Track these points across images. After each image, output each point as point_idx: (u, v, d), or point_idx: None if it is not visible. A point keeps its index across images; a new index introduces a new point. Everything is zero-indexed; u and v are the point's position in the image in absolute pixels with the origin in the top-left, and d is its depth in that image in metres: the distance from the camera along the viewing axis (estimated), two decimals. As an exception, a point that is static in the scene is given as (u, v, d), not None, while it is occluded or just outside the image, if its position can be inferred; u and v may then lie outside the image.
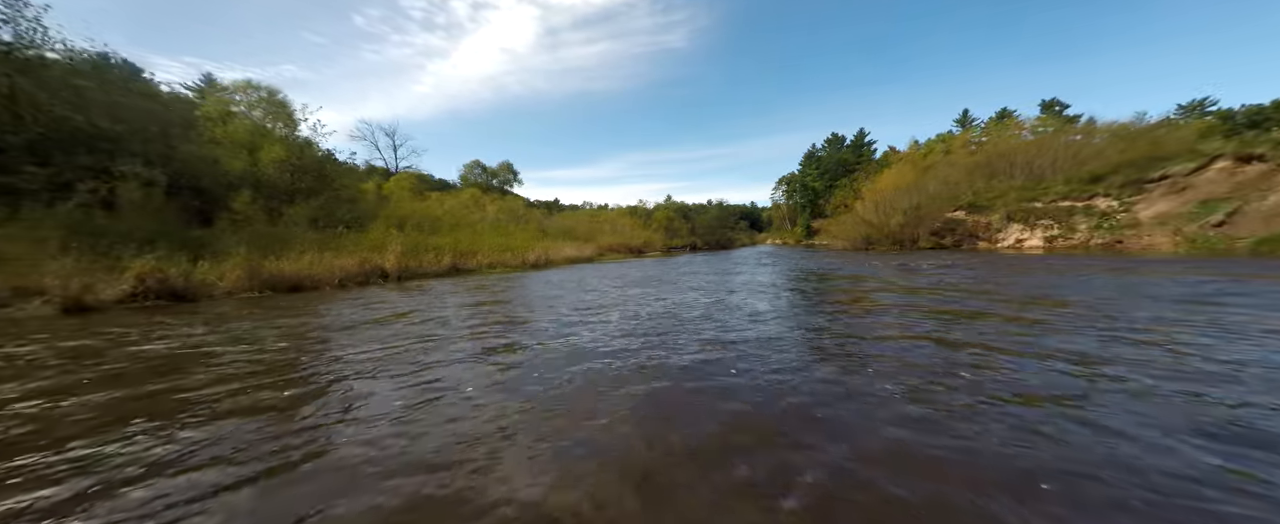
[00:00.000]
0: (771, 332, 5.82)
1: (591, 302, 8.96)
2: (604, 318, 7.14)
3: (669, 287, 11.46)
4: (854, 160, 73.53)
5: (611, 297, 9.67)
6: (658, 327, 6.29)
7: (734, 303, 8.45)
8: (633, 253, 35.80)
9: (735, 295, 9.50)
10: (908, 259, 20.23)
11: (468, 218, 25.05)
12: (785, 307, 8.05)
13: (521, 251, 19.38)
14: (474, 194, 35.84)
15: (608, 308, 8.13)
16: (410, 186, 31.91)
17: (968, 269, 13.67)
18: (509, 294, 10.31)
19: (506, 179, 56.46)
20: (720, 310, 7.64)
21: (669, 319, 6.89)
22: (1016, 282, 10.31)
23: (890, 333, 5.63)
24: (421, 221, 20.36)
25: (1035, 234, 24.14)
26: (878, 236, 30.72)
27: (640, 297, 9.53)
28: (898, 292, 9.54)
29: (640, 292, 10.37)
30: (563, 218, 42.76)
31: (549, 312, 7.85)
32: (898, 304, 7.94)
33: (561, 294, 10.19)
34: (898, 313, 7.13)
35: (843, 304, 8.26)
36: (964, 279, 11.08)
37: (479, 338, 5.81)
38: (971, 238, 27.18)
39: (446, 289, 11.08)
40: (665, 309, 7.84)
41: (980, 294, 8.57)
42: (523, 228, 27.42)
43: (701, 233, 56.84)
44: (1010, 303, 7.43)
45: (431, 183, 43.55)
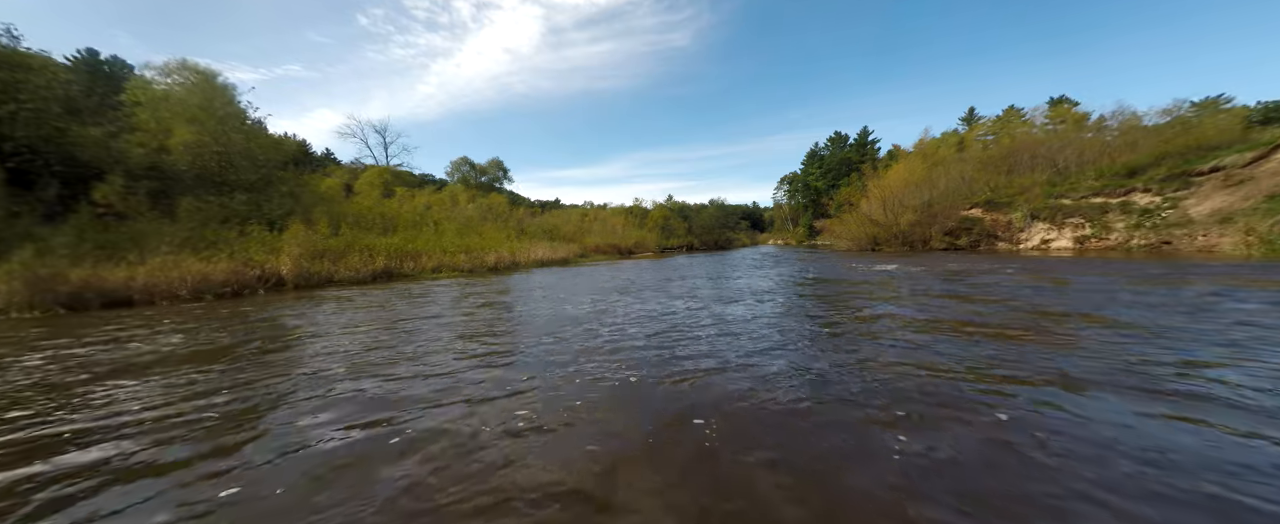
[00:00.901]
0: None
1: (511, 322, 6.60)
2: (498, 356, 4.78)
3: (635, 300, 9.08)
4: (857, 159, 71.37)
5: (534, 318, 7.30)
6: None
7: (694, 343, 6.05)
8: (621, 254, 33.45)
9: (703, 322, 7.09)
10: (921, 262, 17.77)
11: (435, 216, 22.79)
12: (780, 335, 5.66)
13: (481, 253, 17.05)
14: (453, 191, 33.59)
15: (519, 337, 5.76)
16: (382, 183, 29.65)
17: (996, 275, 11.24)
18: (399, 310, 7.97)
19: (496, 176, 54.22)
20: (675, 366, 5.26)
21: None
22: (1083, 298, 7.86)
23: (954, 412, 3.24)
24: (373, 220, 18.09)
25: (1063, 234, 21.60)
26: (886, 237, 28.21)
27: (569, 326, 7.14)
28: (914, 304, 7.11)
29: (591, 308, 8.00)
30: (551, 217, 40.44)
31: (424, 342, 5.49)
32: (921, 341, 5.53)
33: (477, 311, 7.83)
34: (932, 356, 4.72)
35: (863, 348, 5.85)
36: (1003, 289, 8.63)
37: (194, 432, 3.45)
38: (990, 238, 24.65)
39: (329, 304, 8.73)
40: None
41: (1052, 318, 6.14)
42: (498, 227, 25.10)
43: (699, 233, 54.46)
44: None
45: (411, 180, 41.29)
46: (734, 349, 4.98)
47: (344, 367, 4.64)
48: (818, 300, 8.67)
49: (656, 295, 9.58)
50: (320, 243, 12.30)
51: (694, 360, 4.54)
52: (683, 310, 7.61)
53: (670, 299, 8.86)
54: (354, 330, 6.53)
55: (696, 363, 4.45)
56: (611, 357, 4.77)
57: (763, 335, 5.63)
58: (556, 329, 6.27)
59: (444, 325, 6.75)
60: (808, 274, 13.97)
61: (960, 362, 4.22)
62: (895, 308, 7.23)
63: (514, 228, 27.11)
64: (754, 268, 18.31)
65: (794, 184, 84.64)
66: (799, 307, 7.92)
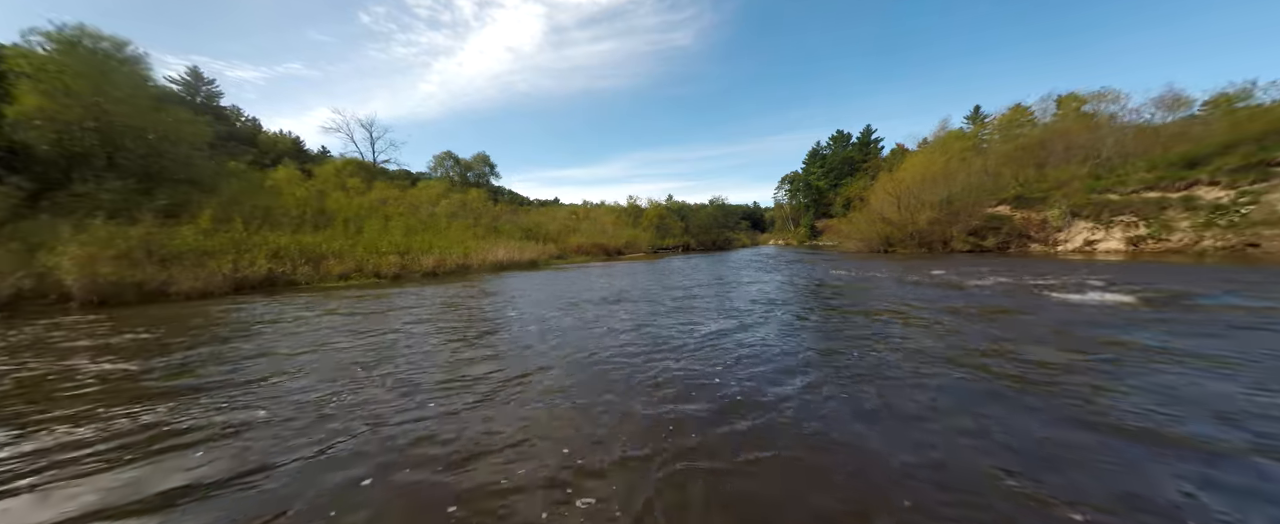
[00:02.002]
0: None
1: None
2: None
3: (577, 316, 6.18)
4: (860, 158, 69.33)
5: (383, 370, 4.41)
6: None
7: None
8: (609, 255, 30.56)
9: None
10: (950, 267, 14.86)
11: (390, 211, 19.87)
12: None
13: (420, 255, 14.15)
14: (430, 185, 30.69)
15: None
16: (345, 177, 26.69)
17: (1086, 291, 8.34)
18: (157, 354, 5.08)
19: (482, 172, 51.33)
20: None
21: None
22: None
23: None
24: (300, 216, 15.19)
25: (1112, 234, 18.68)
26: (900, 237, 25.28)
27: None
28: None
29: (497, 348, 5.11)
30: (534, 214, 37.58)
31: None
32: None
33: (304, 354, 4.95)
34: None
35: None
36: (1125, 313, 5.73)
37: None
38: (1021, 238, 21.74)
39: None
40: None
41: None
42: (466, 225, 22.19)
43: (696, 233, 51.59)
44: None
45: (376, 172, 38.34)
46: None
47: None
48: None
49: (579, 330, 6.69)
50: (217, 242, 9.45)
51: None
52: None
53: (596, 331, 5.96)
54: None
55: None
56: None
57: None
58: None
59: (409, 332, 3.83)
60: (829, 302, 11.01)
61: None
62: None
63: (487, 225, 24.23)
64: (758, 272, 15.42)
65: (795, 183, 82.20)
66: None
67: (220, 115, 74.13)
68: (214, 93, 76.92)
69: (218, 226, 11.60)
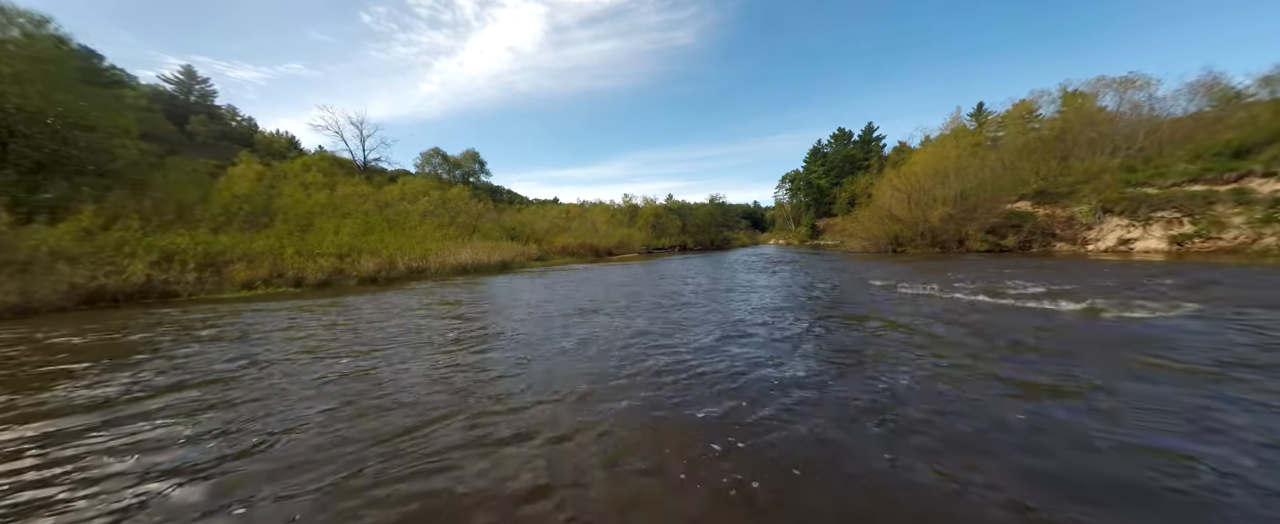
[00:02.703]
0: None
1: None
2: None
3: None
4: (862, 156, 67.79)
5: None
6: None
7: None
8: (598, 256, 28.70)
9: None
10: (975, 272, 12.99)
11: (349, 208, 18.00)
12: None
13: (366, 256, 12.29)
14: (406, 182, 28.83)
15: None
16: (303, 172, 24.78)
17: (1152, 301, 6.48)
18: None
19: (470, 170, 49.52)
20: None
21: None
22: None
23: None
24: (233, 213, 13.32)
25: (1151, 232, 16.76)
26: (910, 236, 23.37)
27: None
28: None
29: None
30: (526, 213, 35.76)
31: None
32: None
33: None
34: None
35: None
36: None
37: None
38: (1045, 237, 19.83)
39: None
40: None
41: None
42: (437, 225, 20.32)
43: (694, 232, 49.70)
44: None
45: (354, 169, 36.48)
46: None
47: None
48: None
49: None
50: (15, 242, 7.65)
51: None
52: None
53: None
54: None
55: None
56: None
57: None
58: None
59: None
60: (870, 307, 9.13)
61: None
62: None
63: (464, 225, 22.38)
64: (755, 275, 13.52)
65: (796, 182, 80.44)
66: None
67: (214, 114, 72.53)
68: (208, 91, 75.20)
69: (111, 226, 9.78)
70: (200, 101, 70.49)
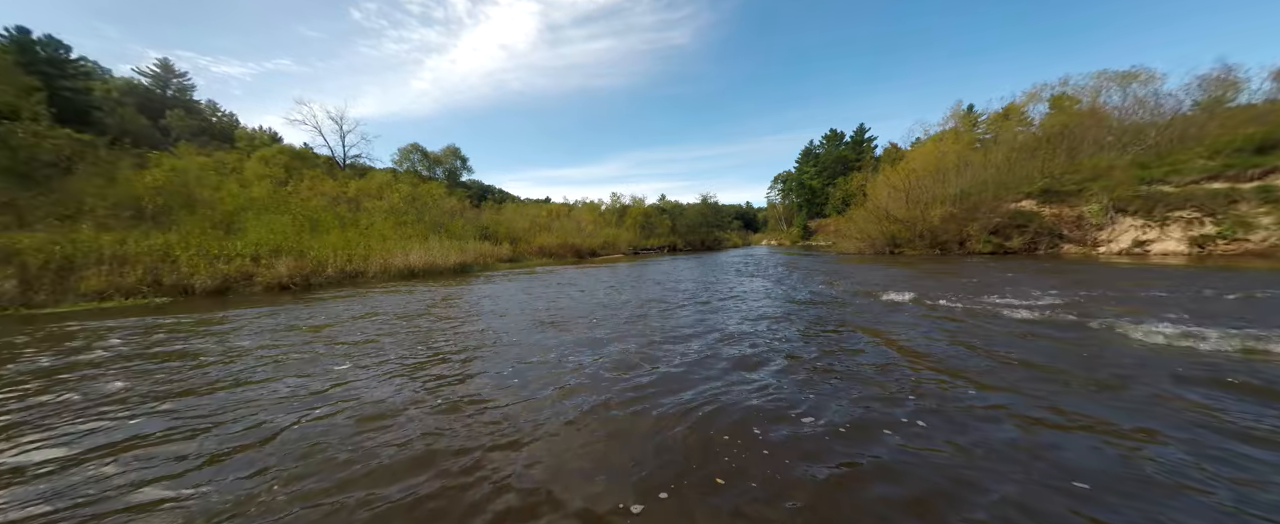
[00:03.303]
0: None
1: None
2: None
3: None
4: (853, 157, 67.67)
5: None
6: None
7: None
8: (579, 257, 27.10)
9: None
10: (986, 277, 11.67)
11: (296, 204, 16.16)
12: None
13: (274, 261, 10.56)
14: (371, 177, 26.96)
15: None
16: (264, 163, 22.84)
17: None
18: None
19: (452, 166, 47.60)
20: None
21: None
22: None
23: None
24: (140, 209, 11.53)
25: (1168, 232, 15.58)
26: (908, 237, 22.09)
27: None
28: None
29: None
30: (504, 212, 34.04)
31: None
32: None
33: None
34: None
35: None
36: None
37: None
38: (1052, 238, 18.63)
39: None
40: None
41: None
42: (393, 221, 18.58)
43: (683, 232, 48.30)
44: None
45: (313, 161, 34.47)
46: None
47: None
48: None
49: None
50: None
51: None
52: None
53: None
54: None
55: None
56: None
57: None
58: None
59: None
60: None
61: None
62: None
63: (430, 223, 20.66)
64: (743, 278, 12.03)
65: (788, 183, 79.71)
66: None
67: (192, 109, 69.58)
68: (186, 85, 72.11)
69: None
70: (178, 96, 67.68)
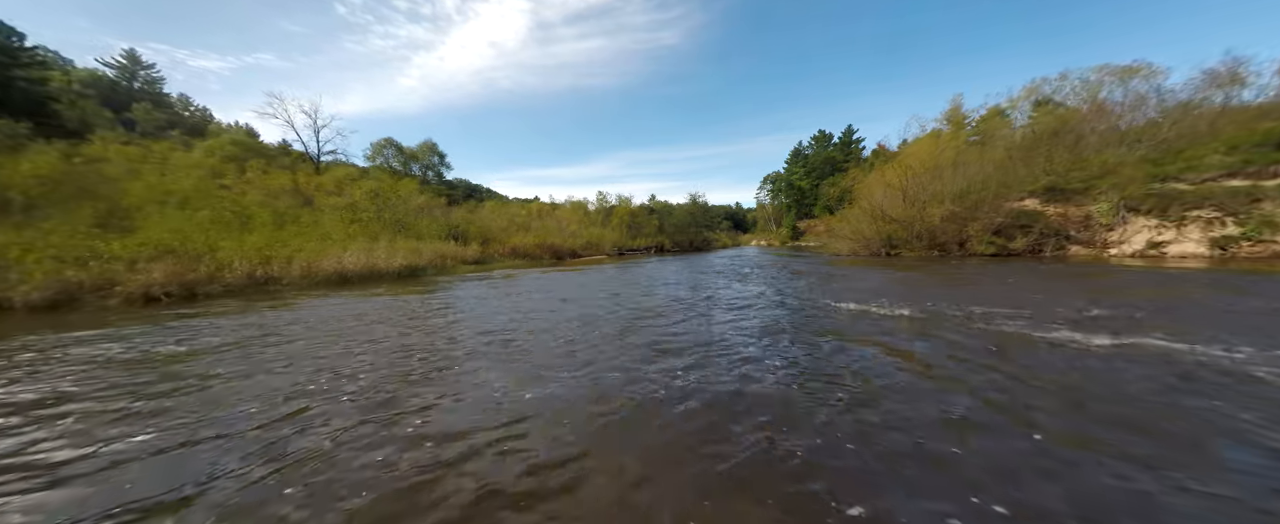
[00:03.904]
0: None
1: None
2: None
3: None
4: (842, 158, 67.72)
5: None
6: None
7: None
8: (558, 258, 25.46)
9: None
10: (1001, 282, 10.38)
11: (216, 197, 14.20)
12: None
13: (164, 257, 8.80)
14: (331, 171, 24.97)
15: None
16: (211, 155, 20.69)
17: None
18: None
19: (429, 163, 45.52)
20: None
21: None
22: None
23: None
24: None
25: (1186, 233, 14.49)
26: (904, 237, 20.86)
27: None
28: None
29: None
30: (479, 211, 32.22)
31: None
32: None
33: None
34: None
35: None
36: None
37: None
38: (1058, 238, 17.50)
39: None
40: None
41: None
42: (342, 221, 16.74)
43: (671, 232, 46.88)
44: None
45: (270, 154, 32.30)
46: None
47: None
48: None
49: None
50: None
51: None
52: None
53: None
54: None
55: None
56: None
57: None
58: None
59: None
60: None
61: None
62: None
63: (390, 221, 18.87)
64: (734, 283, 10.49)
65: (777, 183, 79.17)
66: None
67: (161, 102, 66.06)
68: (154, 78, 68.43)
69: None
70: (146, 89, 64.23)
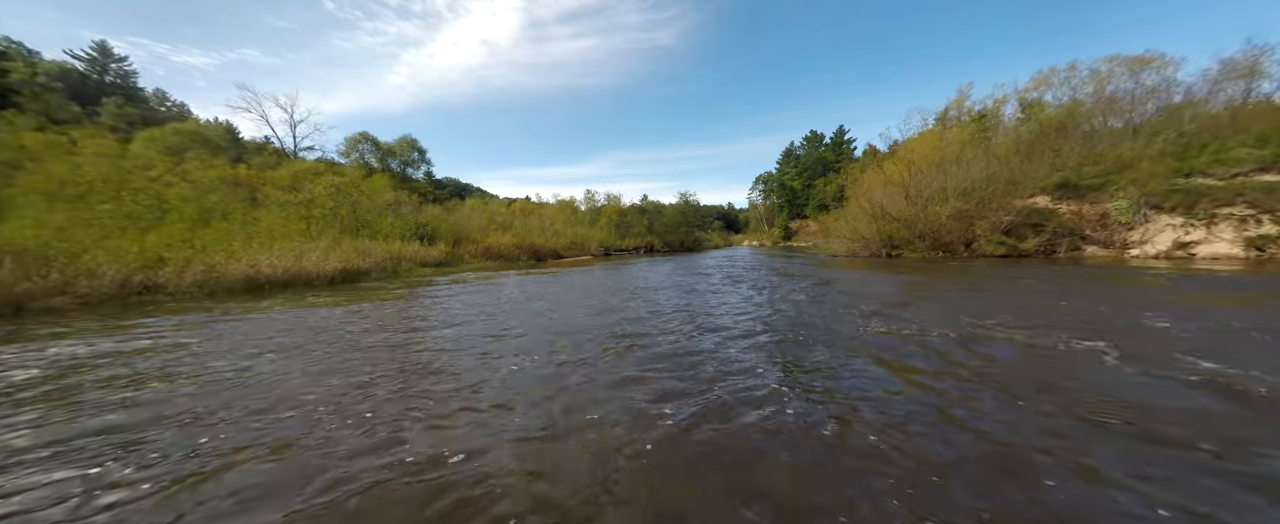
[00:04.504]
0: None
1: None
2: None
3: None
4: (833, 159, 67.74)
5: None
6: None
7: None
8: (537, 259, 23.82)
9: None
10: (1042, 293, 9.01)
11: (142, 189, 12.34)
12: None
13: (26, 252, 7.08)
14: (291, 165, 23.06)
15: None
16: (148, 144, 18.77)
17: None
18: None
19: (409, 159, 43.52)
20: None
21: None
22: None
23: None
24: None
25: (1217, 233, 13.27)
26: (907, 237, 19.54)
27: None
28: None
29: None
30: (456, 211, 30.47)
31: None
32: None
33: None
34: None
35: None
36: None
37: None
38: (1073, 239, 16.27)
39: None
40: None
41: None
42: (281, 218, 14.95)
43: (661, 232, 45.44)
44: None
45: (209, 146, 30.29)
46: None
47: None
48: None
49: None
50: None
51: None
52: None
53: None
54: None
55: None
56: None
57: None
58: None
59: None
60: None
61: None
62: None
63: (347, 219, 17.11)
64: (723, 286, 8.96)
65: (769, 184, 78.47)
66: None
67: (135, 97, 63.01)
68: (127, 71, 65.28)
69: None
70: (118, 82, 61.21)
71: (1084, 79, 21.80)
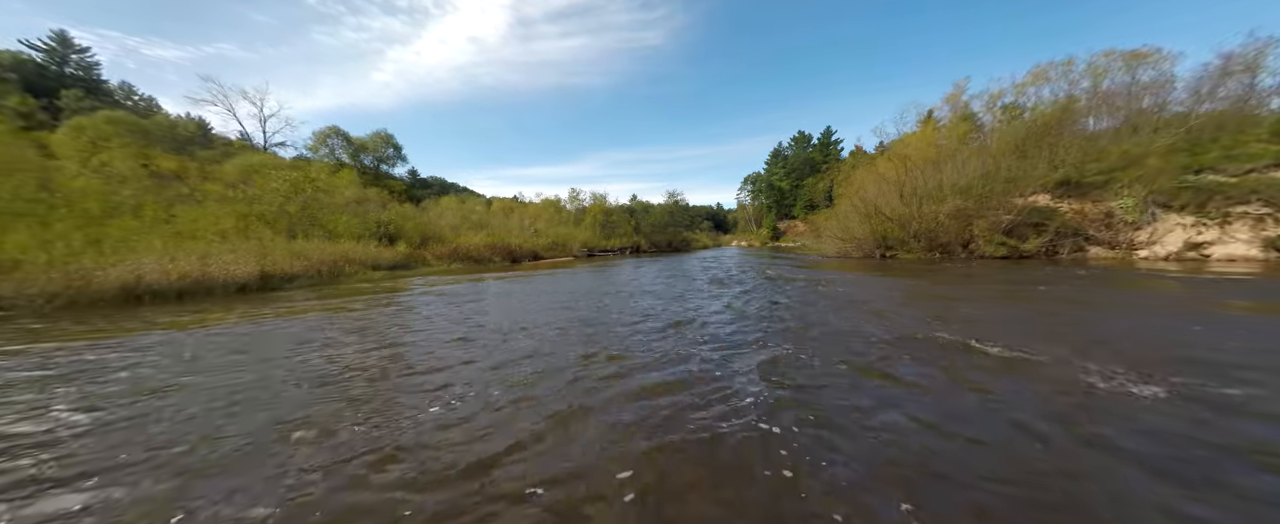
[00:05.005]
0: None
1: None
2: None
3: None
4: (821, 159, 67.75)
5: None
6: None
7: None
8: (513, 261, 22.38)
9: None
10: (1061, 305, 7.94)
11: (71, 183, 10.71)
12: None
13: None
14: (245, 158, 21.27)
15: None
16: (77, 133, 16.90)
17: None
18: None
19: (383, 155, 41.61)
20: None
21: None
22: None
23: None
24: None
25: (1232, 233, 12.43)
26: (901, 237, 18.56)
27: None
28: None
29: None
30: (430, 210, 28.87)
31: None
32: None
33: None
34: None
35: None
36: None
37: None
38: (1076, 239, 15.41)
39: None
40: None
41: None
42: (216, 214, 13.36)
43: (648, 232, 44.23)
44: None
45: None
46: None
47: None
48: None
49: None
50: None
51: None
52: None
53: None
54: None
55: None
56: None
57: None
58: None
59: None
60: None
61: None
62: None
63: (299, 217, 15.52)
64: (711, 289, 7.67)
65: (758, 184, 77.98)
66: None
67: (97, 89, 59.57)
68: (89, 63, 61.73)
69: None
70: (80, 74, 57.79)
71: (1081, 73, 21.10)
